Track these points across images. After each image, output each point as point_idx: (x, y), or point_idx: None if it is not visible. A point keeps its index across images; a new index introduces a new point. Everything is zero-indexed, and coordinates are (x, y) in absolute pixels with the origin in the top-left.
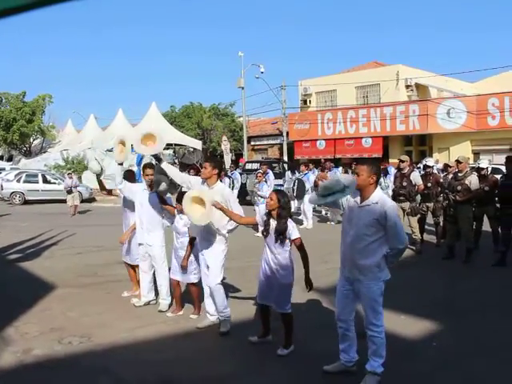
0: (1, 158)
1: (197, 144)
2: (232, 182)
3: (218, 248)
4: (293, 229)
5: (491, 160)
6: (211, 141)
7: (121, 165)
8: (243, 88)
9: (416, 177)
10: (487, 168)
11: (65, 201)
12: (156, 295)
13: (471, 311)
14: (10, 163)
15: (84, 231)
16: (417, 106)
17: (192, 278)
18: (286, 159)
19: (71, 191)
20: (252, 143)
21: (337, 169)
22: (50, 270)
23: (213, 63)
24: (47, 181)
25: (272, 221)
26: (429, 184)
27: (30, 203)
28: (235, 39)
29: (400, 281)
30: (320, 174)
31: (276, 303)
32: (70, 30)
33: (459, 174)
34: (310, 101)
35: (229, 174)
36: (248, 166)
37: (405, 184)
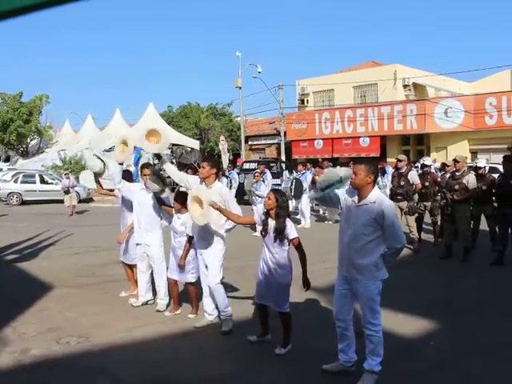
0: None
1: (194, 144)
2: (230, 182)
3: (217, 247)
4: (291, 228)
5: (489, 159)
6: (209, 141)
7: (121, 165)
8: (241, 88)
9: (414, 176)
10: (485, 167)
11: (62, 201)
12: (154, 295)
13: (469, 310)
14: (7, 164)
15: (81, 231)
16: (414, 106)
17: (189, 278)
18: (284, 159)
19: (68, 191)
20: (250, 143)
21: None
22: (48, 271)
23: (210, 63)
24: (44, 181)
25: (270, 220)
26: (426, 183)
27: (28, 204)
28: (233, 39)
29: (398, 280)
30: (316, 170)
31: (274, 302)
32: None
33: (457, 174)
34: (308, 100)
35: (226, 174)
36: (246, 166)
37: (402, 183)
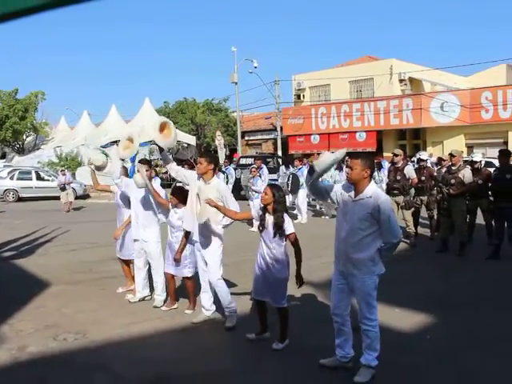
0: None
1: (191, 139)
2: (226, 177)
3: (215, 244)
4: (288, 224)
5: (485, 153)
6: (205, 136)
7: (122, 160)
8: (237, 83)
9: (410, 170)
10: (480, 161)
11: (59, 197)
12: (151, 291)
13: (465, 304)
14: (3, 161)
15: (78, 228)
16: (410, 100)
17: (186, 272)
18: (280, 154)
19: (65, 188)
20: (246, 138)
21: None
22: (45, 267)
23: (206, 59)
24: (41, 178)
25: (268, 215)
26: (423, 178)
27: (24, 200)
28: (228, 34)
29: (394, 274)
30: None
31: (272, 298)
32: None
33: (453, 168)
34: (304, 95)
35: (223, 169)
36: (242, 161)
37: (399, 178)
